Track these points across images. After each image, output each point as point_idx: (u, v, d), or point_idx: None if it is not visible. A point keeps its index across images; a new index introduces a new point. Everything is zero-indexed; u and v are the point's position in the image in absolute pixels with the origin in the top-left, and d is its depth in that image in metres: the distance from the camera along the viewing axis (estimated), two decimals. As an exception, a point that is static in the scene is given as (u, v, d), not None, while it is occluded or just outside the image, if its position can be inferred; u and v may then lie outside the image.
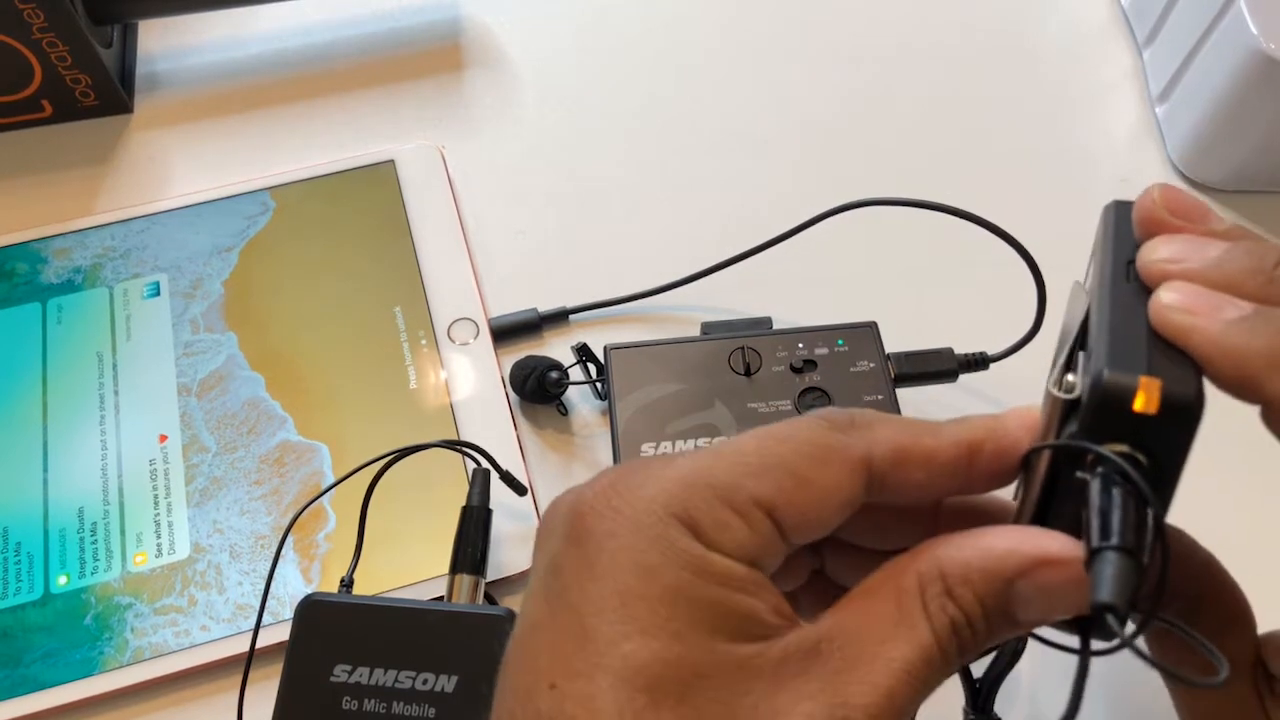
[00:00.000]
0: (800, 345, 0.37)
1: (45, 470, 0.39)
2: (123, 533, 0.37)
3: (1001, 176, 0.47)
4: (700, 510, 0.20)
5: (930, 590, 0.20)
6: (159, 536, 0.37)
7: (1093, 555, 0.20)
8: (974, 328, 0.40)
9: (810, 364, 0.36)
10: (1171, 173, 0.47)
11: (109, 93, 0.47)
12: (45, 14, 0.43)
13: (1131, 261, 0.23)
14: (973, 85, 0.50)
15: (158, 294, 0.43)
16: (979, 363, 0.39)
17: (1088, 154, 0.48)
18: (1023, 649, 0.30)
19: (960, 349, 0.39)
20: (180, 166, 0.47)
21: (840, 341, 0.37)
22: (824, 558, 0.26)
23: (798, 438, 0.22)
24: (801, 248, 0.41)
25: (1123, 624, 0.19)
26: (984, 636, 0.21)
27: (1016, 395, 0.40)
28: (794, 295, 0.42)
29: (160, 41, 0.51)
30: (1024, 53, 0.51)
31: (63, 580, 0.37)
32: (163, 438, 0.39)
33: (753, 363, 0.37)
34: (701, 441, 0.35)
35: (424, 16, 0.52)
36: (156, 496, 0.38)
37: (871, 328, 0.37)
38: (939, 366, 0.38)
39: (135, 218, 0.45)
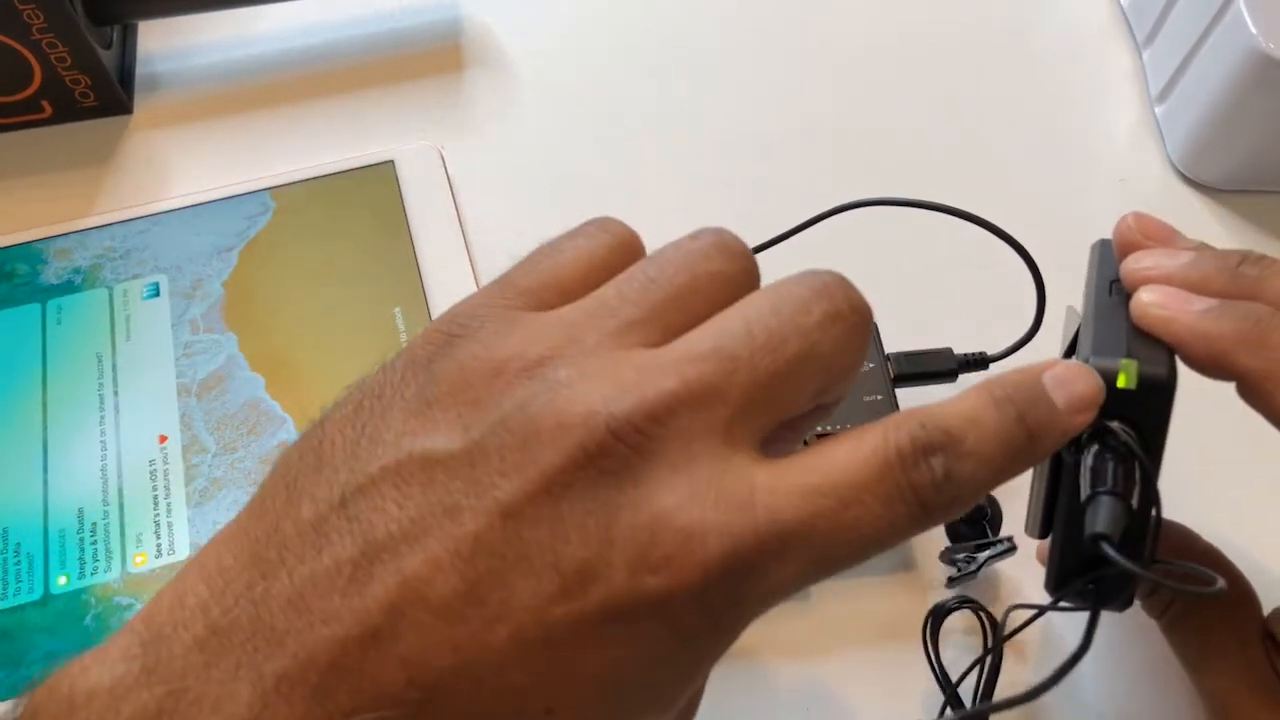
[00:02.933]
0: (800, 345, 0.37)
1: (45, 471, 0.39)
2: (122, 533, 0.37)
3: (1001, 176, 0.47)
4: None
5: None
6: (159, 537, 0.37)
7: (1087, 502, 0.23)
8: (974, 328, 0.40)
9: (810, 364, 0.36)
10: (1171, 173, 0.47)
11: (109, 93, 0.47)
12: (45, 14, 0.43)
13: (1114, 281, 0.27)
14: (972, 85, 0.50)
15: (157, 294, 0.43)
16: (979, 363, 0.39)
17: (1088, 154, 0.48)
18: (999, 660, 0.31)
19: (960, 349, 0.39)
20: (180, 166, 0.47)
21: (840, 342, 0.37)
22: None
23: None
24: (802, 248, 0.41)
25: (1116, 551, 0.22)
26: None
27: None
28: (794, 295, 0.42)
29: (160, 41, 0.51)
30: (1024, 53, 0.51)
31: (62, 581, 0.37)
32: (162, 438, 0.39)
33: (753, 363, 0.37)
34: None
35: (424, 16, 0.52)
36: (156, 497, 0.38)
37: (871, 328, 0.37)
38: (939, 366, 0.38)
39: (135, 218, 0.44)
